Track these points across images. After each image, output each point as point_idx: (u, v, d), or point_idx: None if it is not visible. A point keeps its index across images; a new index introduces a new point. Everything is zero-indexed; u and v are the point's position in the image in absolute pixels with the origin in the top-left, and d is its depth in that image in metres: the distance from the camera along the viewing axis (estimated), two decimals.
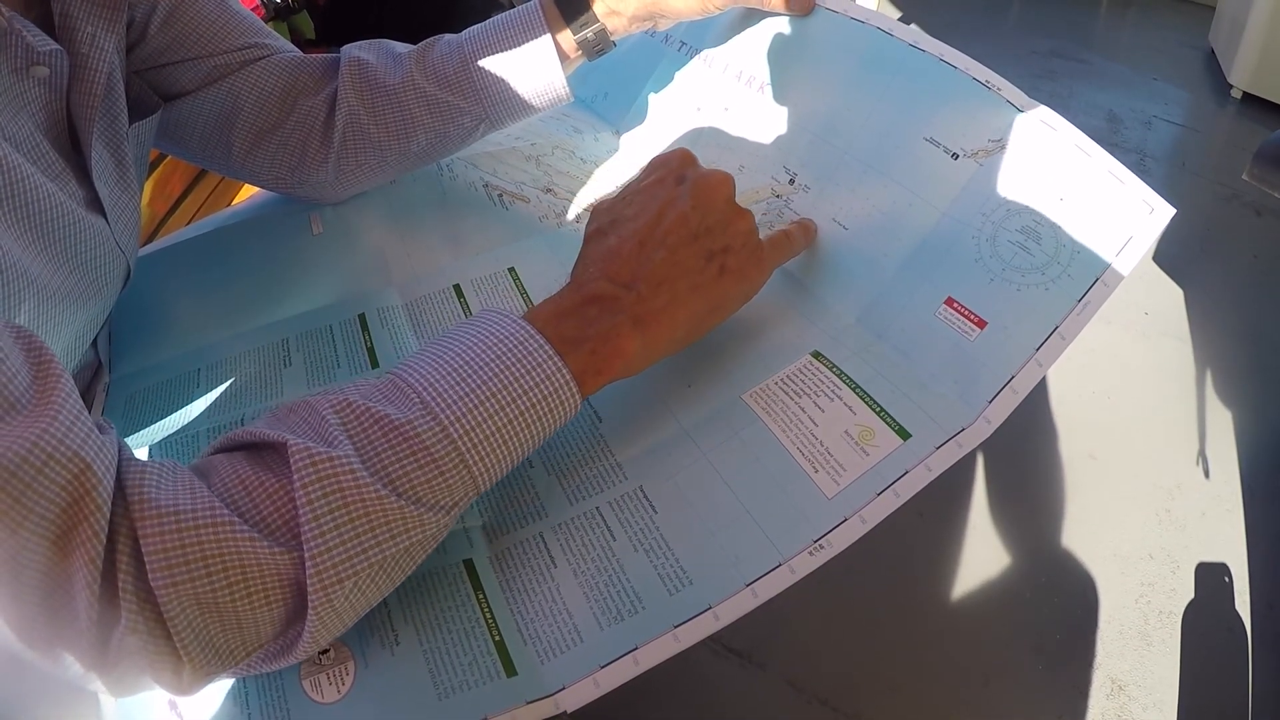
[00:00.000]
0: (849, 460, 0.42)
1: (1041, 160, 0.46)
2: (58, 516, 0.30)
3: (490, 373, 0.38)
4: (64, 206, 0.44)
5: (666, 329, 0.42)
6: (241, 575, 0.33)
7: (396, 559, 0.36)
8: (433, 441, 0.36)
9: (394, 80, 0.58)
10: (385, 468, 0.35)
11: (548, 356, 0.39)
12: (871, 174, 0.52)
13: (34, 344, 0.34)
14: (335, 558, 0.34)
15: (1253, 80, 2.17)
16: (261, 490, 0.35)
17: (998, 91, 0.49)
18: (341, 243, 0.63)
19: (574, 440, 0.47)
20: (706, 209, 0.44)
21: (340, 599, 0.34)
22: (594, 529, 0.43)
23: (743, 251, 0.45)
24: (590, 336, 0.40)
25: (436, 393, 0.37)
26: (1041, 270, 0.44)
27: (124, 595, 0.31)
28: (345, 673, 0.38)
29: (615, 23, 0.58)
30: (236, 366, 0.56)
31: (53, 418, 0.31)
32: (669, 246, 0.42)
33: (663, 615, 0.38)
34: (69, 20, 0.47)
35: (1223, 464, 1.28)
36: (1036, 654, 1.06)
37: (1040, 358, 0.43)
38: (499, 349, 0.38)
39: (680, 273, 0.42)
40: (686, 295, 0.43)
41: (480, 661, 0.38)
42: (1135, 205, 0.43)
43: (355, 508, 0.34)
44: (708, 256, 0.43)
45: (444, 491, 0.37)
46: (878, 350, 0.48)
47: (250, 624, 0.34)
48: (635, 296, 0.41)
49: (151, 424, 0.53)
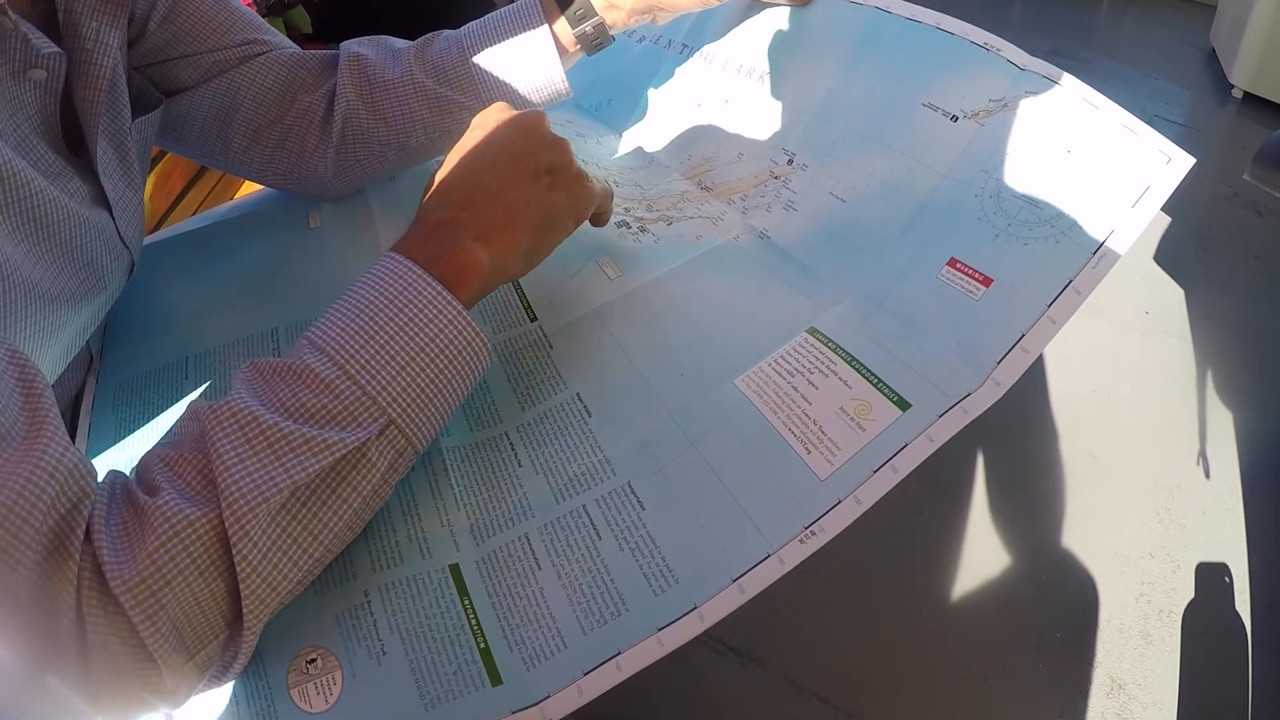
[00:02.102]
0: (844, 438, 0.41)
1: (1047, 115, 0.45)
2: (47, 549, 0.31)
3: (366, 302, 0.41)
4: (65, 207, 0.44)
5: (508, 239, 0.45)
6: (182, 549, 0.34)
7: (312, 488, 0.37)
8: (321, 369, 0.38)
9: (393, 76, 0.58)
10: (280, 401, 0.38)
11: (415, 275, 0.41)
12: (869, 145, 0.51)
13: (26, 372, 0.35)
14: (242, 488, 0.35)
15: (1254, 80, 2.16)
16: (182, 463, 0.36)
17: (997, 52, 0.48)
18: (339, 238, 0.63)
19: (563, 437, 0.46)
20: (526, 136, 0.47)
21: (257, 531, 0.35)
22: (580, 528, 0.42)
23: (566, 170, 0.48)
24: (440, 255, 0.43)
25: (323, 334, 0.40)
26: (1050, 223, 0.42)
27: (89, 609, 0.32)
28: (333, 683, 0.38)
29: (614, 16, 0.57)
30: (225, 356, 0.55)
31: (43, 451, 0.32)
32: (497, 167, 0.46)
33: (647, 618, 0.38)
34: (73, 17, 0.47)
35: (1223, 463, 1.28)
36: (1036, 652, 1.06)
37: (1053, 314, 0.40)
38: (372, 282, 0.42)
39: (509, 188, 0.46)
40: (520, 208, 0.45)
41: (465, 670, 0.38)
42: (1151, 155, 0.41)
43: (256, 439, 0.36)
44: (534, 175, 0.46)
45: (341, 411, 0.38)
46: (877, 320, 0.46)
47: (207, 598, 0.34)
48: (472, 214, 0.44)
49: (140, 413, 0.53)
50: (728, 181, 0.59)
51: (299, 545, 0.37)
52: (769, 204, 0.55)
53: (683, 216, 0.58)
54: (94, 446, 0.51)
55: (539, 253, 0.47)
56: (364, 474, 0.39)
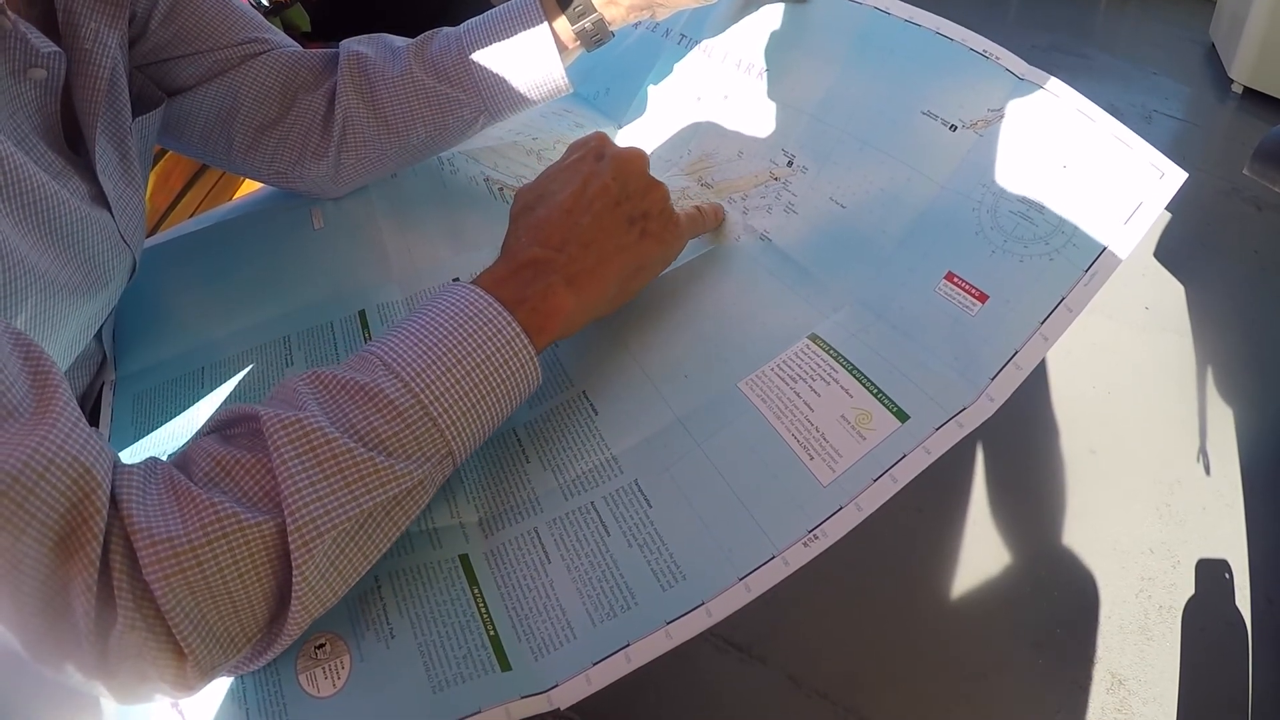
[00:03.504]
0: (845, 446, 0.41)
1: (1043, 127, 0.45)
2: (58, 522, 0.31)
3: (444, 332, 0.40)
4: (66, 202, 0.44)
5: (598, 286, 0.45)
6: (229, 551, 0.33)
7: (374, 516, 0.37)
8: (395, 395, 0.38)
9: (393, 74, 0.58)
10: (352, 424, 0.37)
11: (497, 312, 0.41)
12: (869, 151, 0.51)
13: (32, 351, 0.34)
14: (312, 512, 0.34)
15: (1253, 75, 2.16)
16: (239, 467, 0.36)
17: (996, 60, 0.48)
18: (342, 237, 0.63)
19: (570, 434, 0.47)
20: (625, 179, 0.47)
21: (320, 554, 0.35)
22: (588, 524, 0.42)
23: (660, 217, 0.48)
24: (528, 296, 0.42)
25: (397, 356, 0.39)
26: (1045, 240, 0.43)
27: (119, 594, 0.32)
28: (341, 666, 0.38)
29: (613, 12, 0.57)
30: (240, 365, 0.56)
31: (52, 424, 0.31)
32: (594, 213, 0.45)
33: (655, 611, 0.38)
34: (72, 17, 0.47)
35: (1223, 459, 1.28)
36: (1036, 648, 1.06)
37: (1045, 331, 0.41)
38: (451, 311, 0.41)
39: (605, 235, 0.45)
40: (613, 255, 0.45)
41: (475, 655, 0.38)
42: (1144, 170, 0.42)
43: (327, 463, 0.36)
44: (629, 221, 0.47)
45: (411, 442, 0.38)
46: (876, 330, 0.46)
47: (245, 603, 0.34)
48: (566, 258, 0.44)
49: (159, 424, 0.53)
50: (728, 179, 0.60)
51: (352, 565, 0.37)
52: (769, 205, 0.55)
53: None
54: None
55: (624, 297, 0.48)
56: (418, 501, 0.39)
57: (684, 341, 0.47)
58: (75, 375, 0.54)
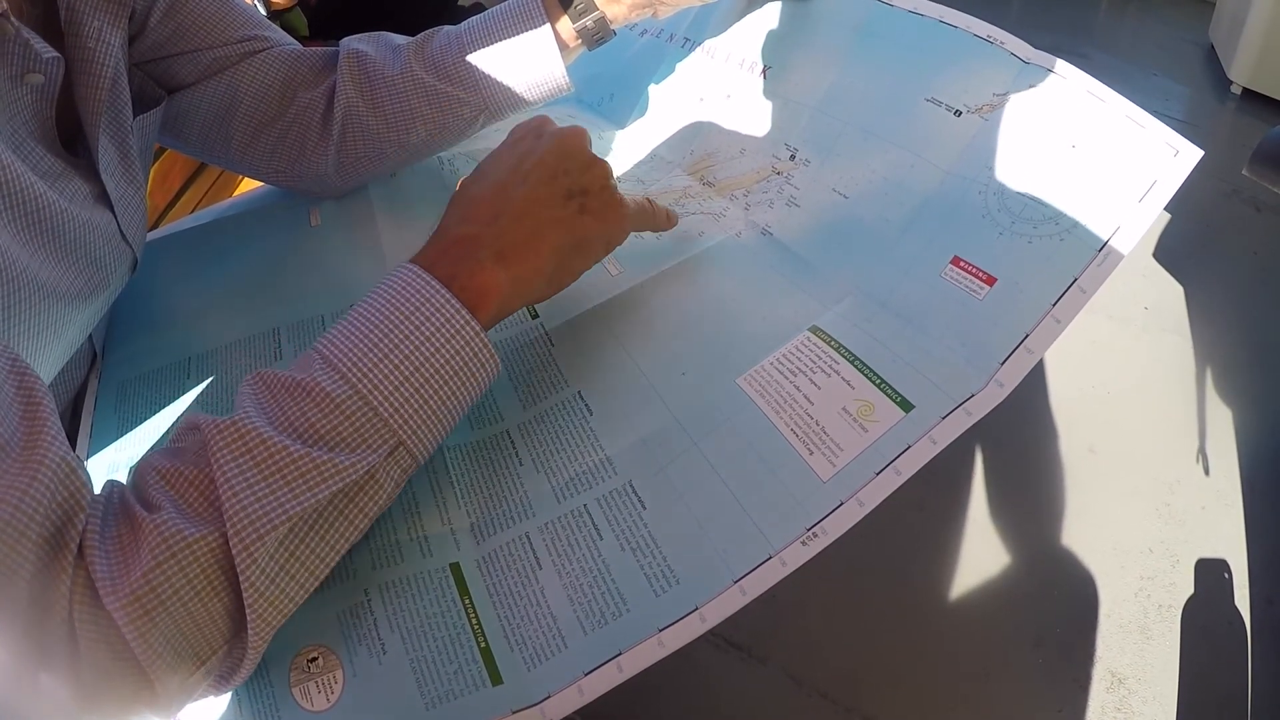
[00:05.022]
0: (846, 439, 0.40)
1: (1051, 109, 0.44)
2: (40, 562, 0.31)
3: (381, 317, 0.39)
4: (66, 210, 0.44)
5: (531, 261, 0.43)
6: (180, 571, 0.33)
7: (323, 513, 0.36)
8: (331, 388, 0.37)
9: (393, 72, 0.58)
10: (290, 421, 0.37)
11: (434, 290, 0.40)
12: (871, 140, 0.51)
13: (26, 379, 0.34)
14: (250, 515, 0.34)
15: (1253, 76, 2.16)
16: (183, 480, 0.35)
17: (1001, 45, 0.47)
18: (340, 235, 0.63)
19: (564, 435, 0.46)
20: (563, 154, 0.45)
21: (265, 558, 0.34)
22: (581, 528, 0.41)
23: (600, 194, 0.46)
24: (458, 274, 0.41)
25: (334, 348, 0.39)
26: (1055, 220, 0.42)
27: (80, 622, 0.32)
28: (334, 680, 0.38)
29: (615, 10, 0.57)
30: (228, 356, 0.55)
31: (39, 463, 0.32)
32: (529, 184, 0.44)
33: (648, 618, 0.37)
34: (75, 15, 0.46)
35: (1222, 459, 1.28)
36: (1036, 648, 1.06)
37: (1058, 313, 0.39)
38: (389, 295, 0.40)
39: (539, 206, 0.44)
40: (548, 229, 0.44)
41: (466, 669, 0.38)
42: (1158, 148, 0.41)
43: (264, 464, 0.35)
44: (567, 195, 0.45)
45: (352, 434, 0.37)
46: (880, 319, 0.45)
47: (205, 619, 0.34)
48: (496, 231, 0.42)
49: (143, 413, 0.53)
50: (730, 177, 0.59)
51: (305, 567, 0.37)
52: (771, 200, 0.55)
53: (685, 213, 0.57)
54: (95, 446, 0.51)
55: (565, 277, 0.46)
56: (372, 495, 0.38)
57: (683, 339, 0.46)
58: (69, 372, 0.53)
